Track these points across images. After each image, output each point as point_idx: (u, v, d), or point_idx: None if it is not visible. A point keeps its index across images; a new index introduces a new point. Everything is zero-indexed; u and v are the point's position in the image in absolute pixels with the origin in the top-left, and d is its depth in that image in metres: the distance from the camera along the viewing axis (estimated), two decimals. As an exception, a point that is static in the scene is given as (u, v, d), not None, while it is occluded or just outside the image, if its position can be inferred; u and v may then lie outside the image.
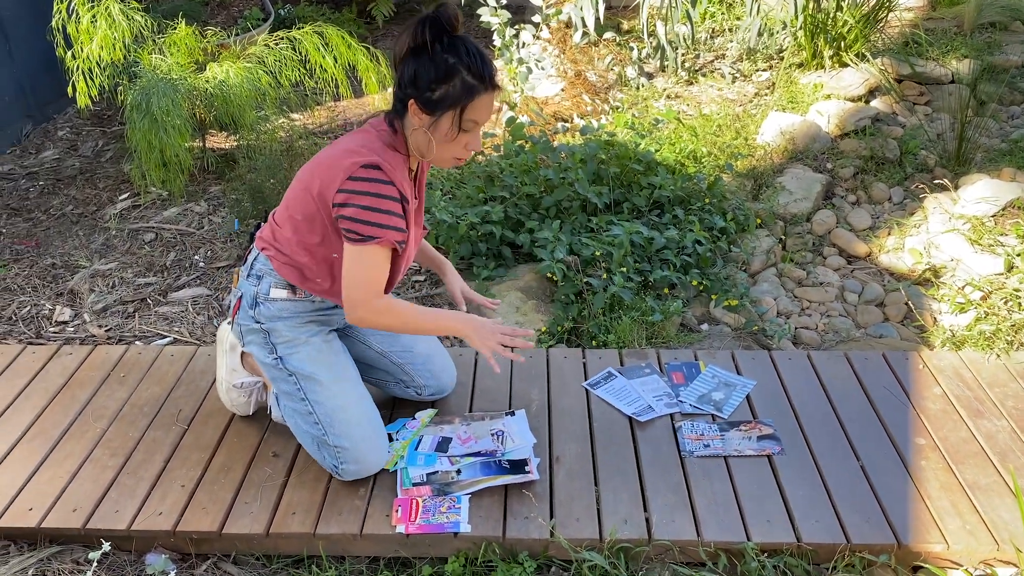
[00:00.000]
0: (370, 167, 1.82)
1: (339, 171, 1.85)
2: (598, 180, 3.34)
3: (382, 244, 1.87)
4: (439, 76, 1.78)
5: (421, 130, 1.85)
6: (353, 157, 1.84)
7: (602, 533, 1.98)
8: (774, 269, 3.24)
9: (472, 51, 1.79)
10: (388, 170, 1.84)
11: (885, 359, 2.56)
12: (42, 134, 4.49)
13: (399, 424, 2.32)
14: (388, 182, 1.83)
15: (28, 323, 3.01)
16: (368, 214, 1.83)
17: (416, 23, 1.77)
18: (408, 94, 1.82)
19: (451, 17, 1.77)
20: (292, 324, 2.06)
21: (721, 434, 2.27)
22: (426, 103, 1.81)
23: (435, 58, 1.77)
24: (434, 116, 1.82)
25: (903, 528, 1.97)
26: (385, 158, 1.85)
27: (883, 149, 3.93)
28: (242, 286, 2.11)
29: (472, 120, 1.85)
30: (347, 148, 1.88)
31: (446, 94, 1.80)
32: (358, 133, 1.94)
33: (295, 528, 2.02)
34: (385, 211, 1.85)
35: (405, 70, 1.81)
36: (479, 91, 1.81)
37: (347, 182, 1.83)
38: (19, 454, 2.29)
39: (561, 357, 2.61)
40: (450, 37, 1.78)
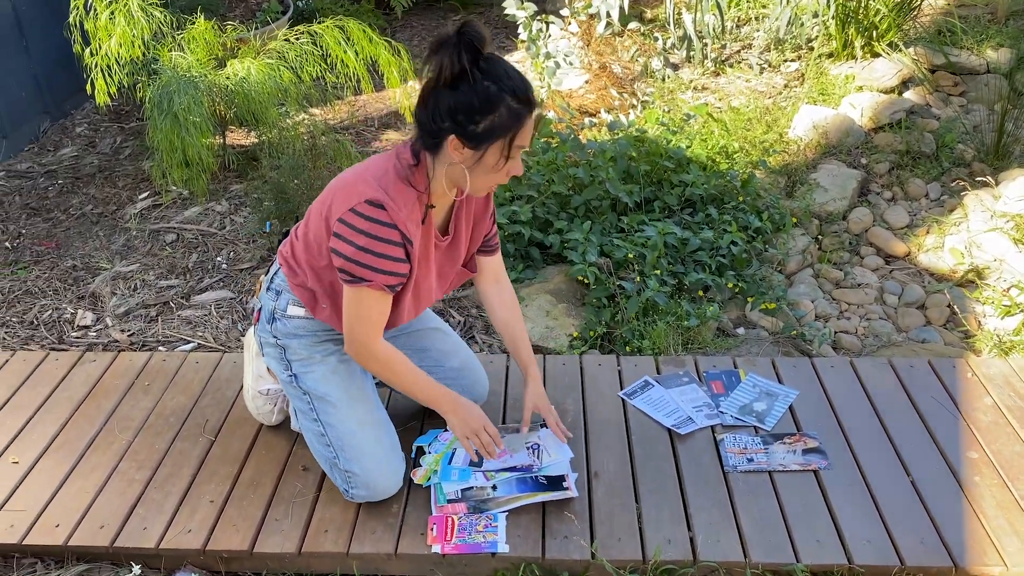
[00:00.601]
0: (374, 205, 1.71)
1: (347, 199, 1.74)
2: (628, 178, 3.26)
3: (373, 287, 1.77)
4: (484, 106, 1.63)
5: (460, 166, 1.72)
6: (363, 187, 1.73)
7: (645, 554, 1.91)
8: (810, 270, 3.15)
9: (512, 73, 1.65)
10: (391, 209, 1.72)
11: (931, 367, 2.47)
12: (60, 131, 4.44)
13: (431, 436, 2.25)
14: (390, 224, 1.72)
15: (50, 327, 2.96)
16: (361, 255, 1.73)
17: (447, 49, 1.59)
18: (446, 129, 1.66)
19: (481, 36, 1.60)
20: (308, 342, 1.99)
21: (765, 447, 2.19)
22: (470, 137, 1.66)
23: (476, 87, 1.61)
24: (480, 150, 1.68)
25: (959, 549, 1.89)
26: (392, 195, 1.73)
27: (919, 143, 3.82)
28: (262, 298, 2.05)
29: (519, 146, 1.71)
30: (363, 175, 1.77)
31: (492, 125, 1.65)
32: (382, 157, 1.82)
33: (328, 547, 1.96)
34: (380, 254, 1.73)
35: (439, 102, 1.64)
36: (525, 116, 1.67)
37: (348, 214, 1.72)
38: (44, 466, 2.24)
39: (595, 364, 2.53)
40: (484, 60, 1.62)
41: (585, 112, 4.29)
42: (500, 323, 2.15)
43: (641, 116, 4.01)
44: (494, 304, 2.15)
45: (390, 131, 4.36)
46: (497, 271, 2.15)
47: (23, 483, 2.18)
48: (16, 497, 2.14)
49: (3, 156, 4.13)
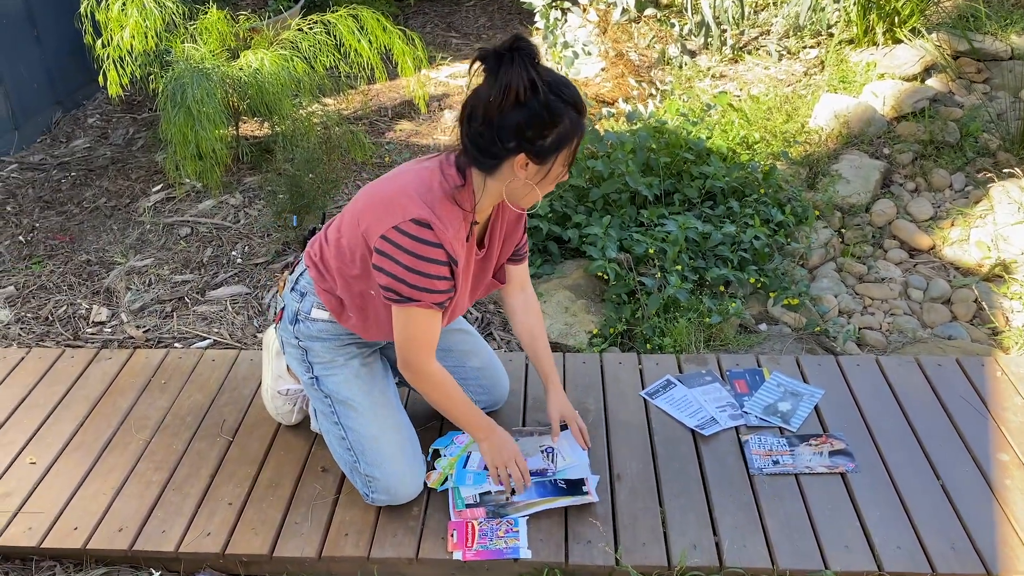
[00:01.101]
0: (420, 224, 1.66)
1: (389, 214, 1.69)
2: (648, 170, 3.21)
3: (421, 307, 1.74)
4: (551, 120, 1.60)
5: (525, 181, 1.68)
6: (406, 202, 1.68)
7: (670, 559, 1.88)
8: (833, 264, 3.10)
9: (560, 80, 1.61)
10: (438, 229, 1.68)
11: (959, 365, 2.42)
12: (72, 122, 4.41)
13: (448, 439, 2.22)
14: (436, 244, 1.68)
15: (65, 324, 2.94)
16: (409, 275, 1.70)
17: (512, 68, 1.54)
18: (512, 149, 1.62)
19: (535, 49, 1.57)
20: (331, 346, 1.96)
21: (790, 449, 2.15)
22: (539, 152, 1.63)
23: (543, 100, 1.57)
24: (546, 164, 1.66)
25: (991, 556, 1.85)
26: (439, 213, 1.69)
27: (942, 132, 3.75)
28: (286, 297, 2.02)
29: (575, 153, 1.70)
30: (405, 189, 1.71)
31: (559, 136, 1.62)
32: (424, 170, 1.76)
33: (348, 552, 1.94)
34: (426, 275, 1.70)
35: (506, 122, 1.59)
36: (581, 122, 1.65)
37: (392, 231, 1.68)
38: (62, 467, 2.22)
39: (616, 363, 2.50)
40: (540, 71, 1.58)
41: (602, 101, 4.23)
42: (523, 330, 2.12)
43: (661, 107, 3.94)
44: (518, 311, 2.12)
45: (404, 121, 4.31)
46: (524, 279, 2.12)
47: (41, 484, 2.17)
48: (34, 498, 2.13)
49: (16, 148, 4.11)
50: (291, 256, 3.19)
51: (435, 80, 4.75)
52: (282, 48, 3.59)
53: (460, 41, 5.31)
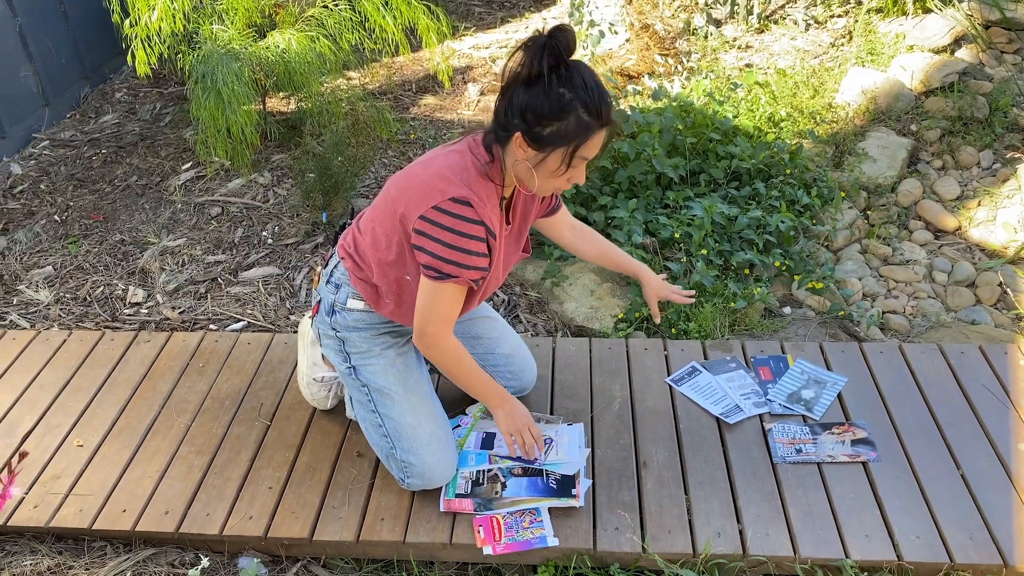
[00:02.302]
0: (460, 202, 1.72)
1: (427, 197, 1.75)
2: (674, 150, 3.21)
3: (459, 283, 1.80)
4: (553, 112, 1.64)
5: (524, 163, 1.74)
6: (444, 184, 1.74)
7: (695, 547, 1.95)
8: (858, 245, 3.11)
9: (590, 84, 1.64)
10: (478, 206, 1.73)
11: (982, 352, 2.45)
12: (100, 96, 4.45)
13: (453, 423, 2.28)
14: (477, 221, 1.74)
15: (103, 304, 3.02)
16: (450, 252, 1.75)
17: (532, 49, 1.60)
18: (515, 126, 1.69)
19: (570, 43, 1.60)
20: (367, 335, 2.02)
21: (813, 438, 2.20)
22: (535, 138, 1.68)
23: (550, 92, 1.63)
24: (542, 152, 1.70)
25: (1009, 547, 1.90)
26: (477, 191, 1.75)
27: (971, 108, 3.71)
28: (321, 290, 2.07)
29: (583, 157, 1.72)
30: (440, 172, 1.77)
31: (558, 131, 1.66)
32: (454, 153, 1.82)
33: (384, 536, 2.02)
34: (467, 251, 1.76)
35: (514, 99, 1.67)
36: (594, 129, 1.67)
37: (432, 211, 1.74)
38: (108, 450, 2.31)
39: (642, 349, 2.54)
40: (567, 66, 1.63)
41: (627, 75, 4.21)
42: (595, 253, 2.22)
43: (687, 85, 3.92)
44: (580, 245, 2.21)
45: (428, 95, 4.32)
46: (567, 219, 2.19)
47: (89, 467, 2.26)
48: (83, 481, 2.22)
49: (47, 124, 4.16)
50: (320, 237, 3.24)
51: (459, 52, 4.74)
52: (307, 26, 3.60)
53: (483, 10, 5.27)
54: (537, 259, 3.03)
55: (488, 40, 4.86)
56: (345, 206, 3.28)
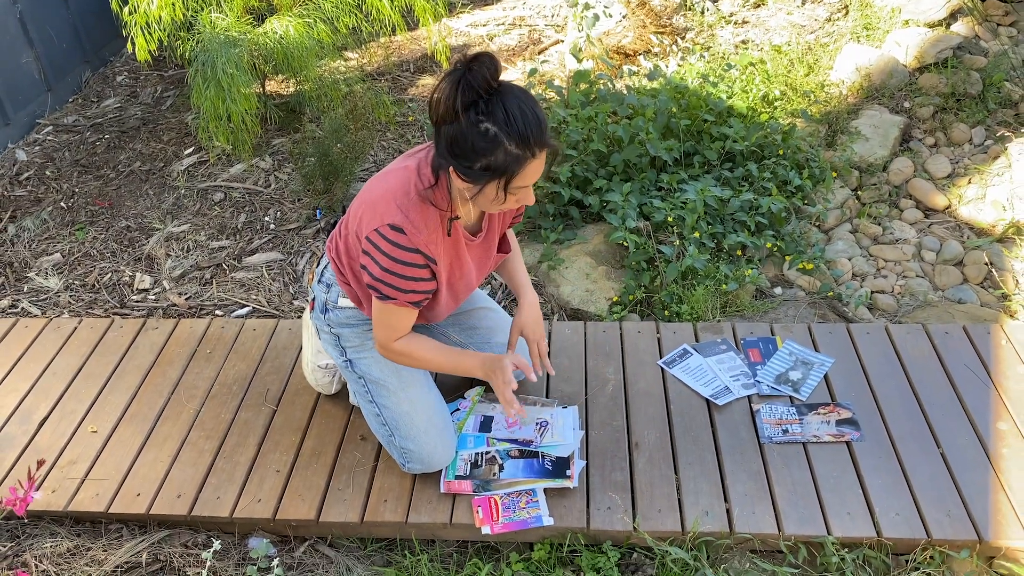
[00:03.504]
0: (395, 229, 1.74)
1: (371, 219, 1.78)
2: (668, 132, 3.26)
3: (398, 304, 1.85)
4: (478, 149, 1.60)
5: (463, 192, 1.73)
6: (383, 208, 1.76)
7: (684, 525, 2.04)
8: (849, 225, 3.17)
9: (514, 114, 1.57)
10: (412, 234, 1.75)
11: (966, 333, 2.52)
12: (101, 80, 4.49)
13: (451, 407, 2.36)
14: (411, 249, 1.76)
15: (111, 291, 3.10)
16: (386, 276, 1.79)
17: (449, 87, 1.56)
18: (446, 159, 1.67)
19: (489, 76, 1.55)
20: (360, 331, 2.09)
21: (799, 418, 2.28)
22: (466, 173, 1.66)
23: (472, 129, 1.58)
24: (477, 185, 1.67)
25: (984, 523, 1.99)
26: (413, 216, 1.75)
27: (964, 84, 3.74)
28: (314, 288, 2.15)
29: (519, 187, 1.69)
30: (384, 195, 1.78)
31: (487, 166, 1.63)
32: (403, 172, 1.81)
33: (388, 516, 2.12)
34: (401, 275, 1.79)
35: (440, 135, 1.65)
36: (525, 159, 1.62)
37: (372, 234, 1.77)
38: (121, 436, 2.40)
39: (635, 332, 2.62)
40: (487, 99, 1.57)
41: (623, 52, 4.24)
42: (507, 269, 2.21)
43: (682, 65, 3.95)
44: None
45: (425, 76, 4.35)
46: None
47: (103, 452, 2.35)
48: (98, 466, 2.32)
49: (49, 109, 4.21)
50: (321, 222, 3.31)
51: (455, 30, 4.76)
52: (306, 10, 3.63)
53: (480, -14, 5.27)
54: (533, 242, 3.09)
55: (486, 17, 4.88)
56: (345, 191, 3.34)
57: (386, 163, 3.64)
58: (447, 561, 2.12)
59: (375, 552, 2.16)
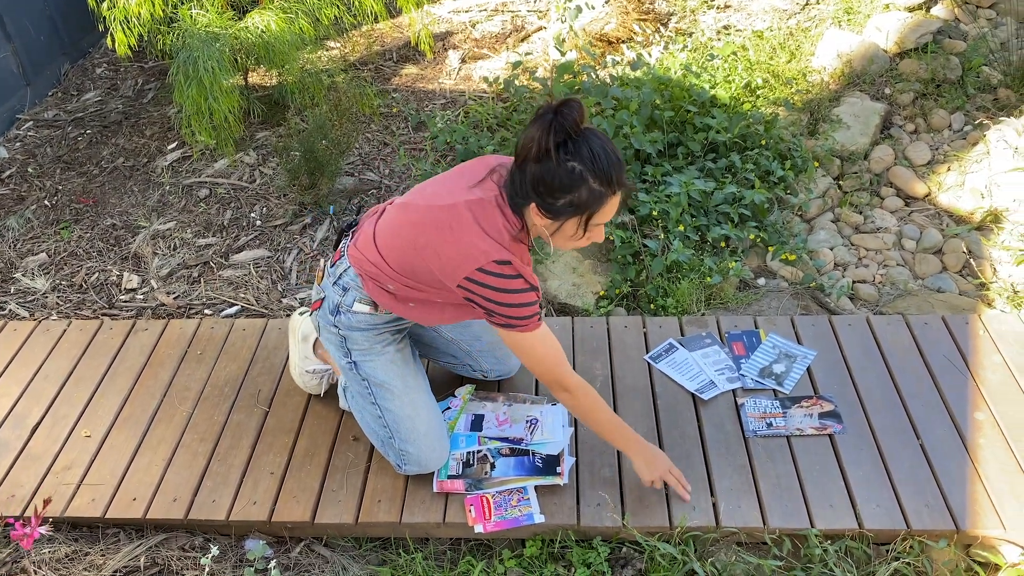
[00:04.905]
0: (503, 264, 1.78)
1: (466, 260, 1.79)
2: (652, 124, 3.28)
3: (539, 322, 1.88)
4: (563, 186, 1.70)
5: (542, 228, 1.81)
6: (483, 246, 1.78)
7: (672, 520, 2.09)
8: (831, 214, 3.21)
9: (598, 154, 1.69)
10: (518, 266, 1.80)
11: (945, 323, 2.58)
12: (80, 72, 4.45)
13: (443, 405, 2.40)
14: (518, 276, 1.80)
15: (99, 291, 3.10)
16: (512, 310, 1.83)
17: (540, 126, 1.66)
18: (529, 197, 1.76)
19: (576, 117, 1.66)
20: (369, 335, 2.11)
21: (783, 411, 2.33)
22: (548, 209, 1.75)
23: (560, 167, 1.68)
24: (557, 221, 1.77)
25: (962, 513, 2.05)
26: (515, 252, 1.82)
27: (944, 69, 3.77)
28: (326, 288, 2.12)
29: (596, 224, 1.79)
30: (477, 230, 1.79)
31: (570, 203, 1.73)
32: (487, 207, 1.82)
33: (382, 517, 2.16)
34: (519, 304, 1.83)
35: (527, 171, 1.73)
36: (607, 197, 1.73)
37: (479, 274, 1.78)
38: (115, 440, 2.42)
39: (622, 326, 2.66)
40: (575, 138, 1.68)
41: (606, 40, 4.24)
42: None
43: (665, 54, 3.96)
44: None
45: (409, 64, 4.34)
46: None
47: (98, 457, 2.38)
48: (93, 470, 2.34)
49: (29, 104, 4.17)
50: (308, 218, 3.32)
51: (438, 17, 4.73)
52: (286, 2, 3.60)
53: (462, -29, 5.23)
54: (520, 236, 3.12)
55: (468, 3, 4.85)
56: (330, 186, 3.35)
57: (371, 156, 3.64)
58: (441, 559, 2.16)
59: (370, 551, 2.20)
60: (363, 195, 3.42)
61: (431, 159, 3.56)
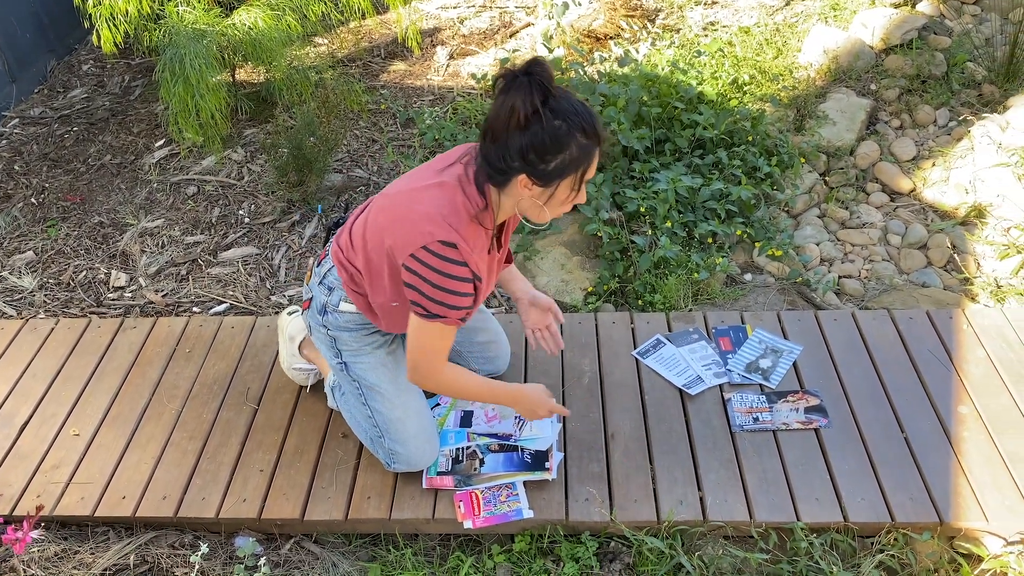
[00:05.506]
0: (448, 245, 1.74)
1: (415, 236, 1.76)
2: (639, 121, 3.29)
3: (447, 323, 1.84)
4: (554, 146, 1.65)
5: (532, 200, 1.75)
6: (432, 226, 1.75)
7: (659, 515, 2.11)
8: (817, 210, 3.23)
9: (578, 108, 1.65)
10: (465, 251, 1.76)
11: (929, 318, 2.60)
12: (66, 69, 4.43)
13: (432, 402, 2.40)
14: (462, 263, 1.76)
15: (87, 289, 3.09)
16: (437, 293, 1.78)
17: (519, 91, 1.60)
18: (516, 168, 1.69)
19: (550, 73, 1.61)
20: (358, 335, 2.11)
21: (769, 406, 2.35)
22: (540, 176, 1.69)
23: (547, 127, 1.62)
24: (550, 187, 1.72)
25: (945, 506, 2.08)
26: (465, 235, 1.77)
27: (929, 65, 3.80)
28: (313, 288, 2.12)
29: (588, 179, 1.75)
30: (429, 212, 1.77)
31: (563, 163, 1.67)
32: (447, 189, 1.80)
33: (371, 513, 2.16)
34: (453, 291, 1.79)
35: (510, 142, 1.66)
36: (594, 149, 1.69)
37: (421, 251, 1.75)
38: (103, 438, 2.42)
39: (610, 322, 2.67)
40: (554, 97, 1.63)
41: (593, 36, 4.24)
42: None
43: (652, 50, 3.97)
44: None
45: (397, 61, 4.33)
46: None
47: (86, 455, 2.37)
48: (82, 469, 2.34)
49: (15, 101, 4.15)
50: (296, 215, 3.32)
51: (426, 13, 4.73)
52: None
53: (449, -33, 5.23)
54: (509, 233, 3.13)
55: (456, 0, 4.85)
56: (319, 183, 3.35)
57: (359, 153, 3.64)
58: (431, 555, 2.18)
59: (360, 547, 2.21)
60: (351, 192, 3.42)
61: (419, 156, 3.56)
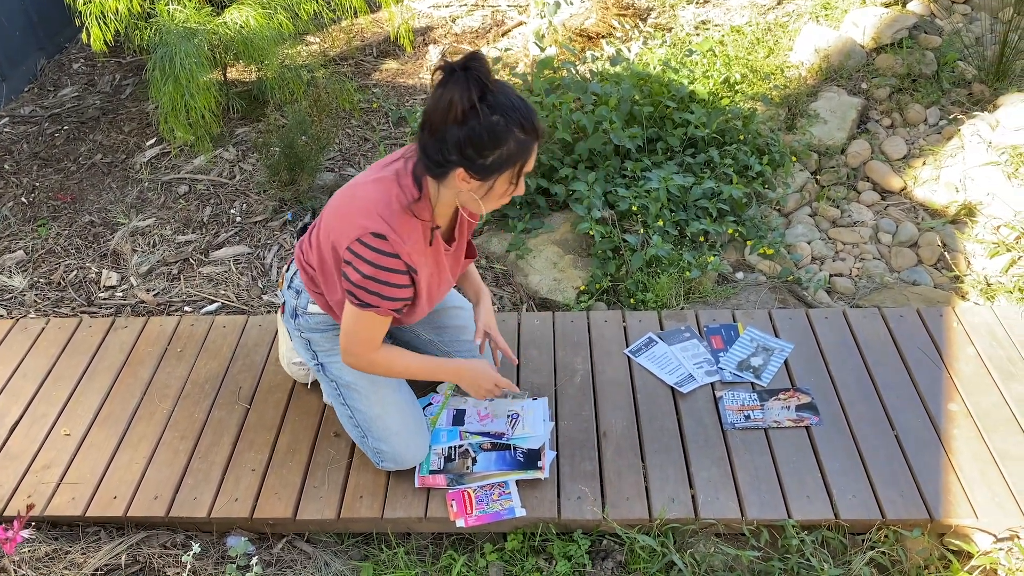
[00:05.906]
0: (378, 236, 1.76)
1: (351, 229, 1.80)
2: (631, 119, 3.29)
3: (379, 313, 1.87)
4: (492, 141, 1.65)
5: (470, 193, 1.77)
6: (365, 219, 1.78)
7: (651, 513, 2.11)
8: (808, 208, 3.24)
9: (516, 103, 1.66)
10: (395, 242, 1.78)
11: (920, 316, 2.61)
12: (57, 68, 4.41)
13: (424, 401, 2.41)
14: (392, 255, 1.79)
15: (78, 288, 3.08)
16: (368, 283, 1.81)
17: (456, 85, 1.59)
18: (453, 162, 1.70)
19: (487, 68, 1.61)
20: (330, 336, 2.11)
21: (761, 404, 2.36)
22: (479, 170, 1.70)
23: (484, 122, 1.63)
24: (488, 181, 1.73)
25: (935, 502, 2.09)
26: (396, 226, 1.78)
27: (919, 64, 3.82)
28: (284, 293, 2.15)
29: (526, 173, 1.77)
30: (364, 206, 1.80)
31: (500, 157, 1.68)
32: (383, 183, 1.83)
33: (364, 512, 2.16)
34: (384, 282, 1.81)
35: (447, 136, 1.66)
36: (532, 144, 1.71)
37: (355, 244, 1.79)
38: (95, 438, 2.42)
39: (602, 321, 2.67)
40: (491, 92, 1.63)
41: (586, 35, 4.25)
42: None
43: (644, 49, 3.97)
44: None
45: (389, 59, 4.33)
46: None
47: (77, 455, 2.37)
48: (73, 469, 2.33)
49: (5, 100, 4.13)
50: (288, 214, 3.31)
51: (418, 11, 4.73)
52: (265, -2, 3.59)
53: (442, -35, 5.22)
54: (502, 231, 3.13)
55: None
56: (311, 182, 3.34)
57: (351, 152, 3.64)
58: (423, 553, 2.18)
59: (352, 547, 2.21)
60: (344, 191, 3.41)
61: (412, 155, 3.55)
